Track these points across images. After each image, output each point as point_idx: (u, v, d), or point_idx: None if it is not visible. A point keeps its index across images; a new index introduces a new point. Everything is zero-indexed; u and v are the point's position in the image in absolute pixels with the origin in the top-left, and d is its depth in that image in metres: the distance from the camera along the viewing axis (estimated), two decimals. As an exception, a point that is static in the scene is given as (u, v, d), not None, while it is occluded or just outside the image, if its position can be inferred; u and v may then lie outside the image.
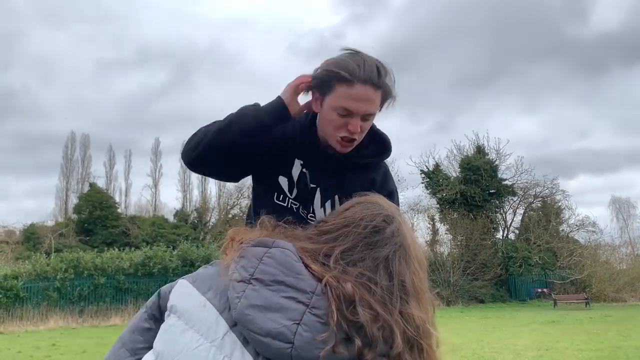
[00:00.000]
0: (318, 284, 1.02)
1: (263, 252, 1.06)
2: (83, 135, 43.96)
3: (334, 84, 1.51)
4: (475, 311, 23.68)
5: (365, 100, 1.51)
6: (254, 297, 0.99)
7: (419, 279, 1.13)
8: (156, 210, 42.50)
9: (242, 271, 1.04)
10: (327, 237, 1.13)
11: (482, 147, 32.30)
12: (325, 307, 0.99)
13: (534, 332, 13.78)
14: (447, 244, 30.83)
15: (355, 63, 1.49)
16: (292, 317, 0.97)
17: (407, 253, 1.13)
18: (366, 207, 1.18)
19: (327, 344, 0.95)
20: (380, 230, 1.12)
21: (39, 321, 19.60)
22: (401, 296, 1.06)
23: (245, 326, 0.98)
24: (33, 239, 30.57)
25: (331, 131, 1.58)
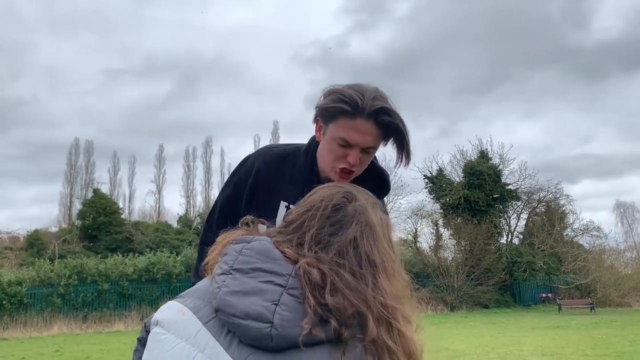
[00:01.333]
0: (294, 266, 1.06)
1: (242, 246, 1.11)
2: (87, 142, 44.20)
3: (337, 114, 1.52)
4: (480, 316, 23.58)
5: (365, 134, 1.52)
6: (233, 285, 1.03)
7: (389, 259, 1.14)
8: (160, 216, 42.65)
9: (223, 265, 1.09)
10: (294, 226, 1.16)
11: (485, 152, 32.23)
12: (301, 288, 1.03)
13: (539, 337, 13.71)
14: (451, 249, 30.74)
15: (359, 96, 1.49)
16: (270, 298, 1.00)
17: (374, 232, 1.14)
18: (326, 190, 1.22)
19: (306, 326, 0.98)
20: (341, 207, 1.15)
21: (42, 327, 19.60)
22: (372, 277, 1.07)
23: (225, 312, 1.01)
24: (37, 245, 30.62)
25: (330, 161, 1.59)
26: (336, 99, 1.51)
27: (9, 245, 31.09)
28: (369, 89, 1.53)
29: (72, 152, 43.35)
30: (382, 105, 1.49)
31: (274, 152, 1.81)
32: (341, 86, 1.54)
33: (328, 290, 1.02)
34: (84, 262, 22.20)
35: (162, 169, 45.79)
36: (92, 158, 43.88)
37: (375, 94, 1.52)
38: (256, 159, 1.79)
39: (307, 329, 0.98)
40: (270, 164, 1.76)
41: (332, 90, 1.54)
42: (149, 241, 31.46)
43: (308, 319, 0.99)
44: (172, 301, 1.15)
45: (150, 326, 1.14)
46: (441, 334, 15.54)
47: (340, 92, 1.51)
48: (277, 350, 0.99)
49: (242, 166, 1.83)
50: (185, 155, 46.61)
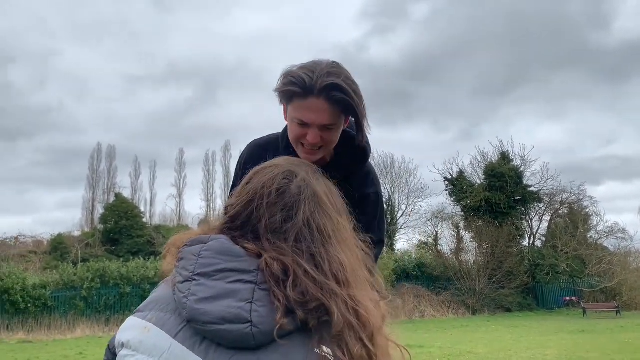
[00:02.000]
0: (258, 261, 1.04)
1: (200, 248, 1.06)
2: (109, 146, 44.74)
3: (291, 96, 1.54)
4: (502, 320, 23.30)
5: (319, 112, 1.52)
6: (200, 291, 0.99)
7: (341, 227, 1.12)
8: (180, 219, 42.96)
9: (183, 271, 1.04)
10: (242, 220, 1.12)
11: (506, 153, 31.88)
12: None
13: (564, 342, 13.48)
14: (472, 252, 30.41)
15: (309, 75, 1.49)
16: (244, 298, 0.98)
17: (322, 204, 1.12)
18: (264, 174, 1.17)
19: (279, 320, 0.97)
20: (285, 190, 1.11)
21: (66, 330, 19.87)
22: (326, 251, 1.06)
23: (199, 320, 0.97)
24: (60, 249, 31.05)
25: (293, 140, 1.63)
26: (287, 81, 1.52)
27: (34, 249, 31.56)
28: (322, 65, 1.53)
29: (94, 157, 43.96)
30: (331, 82, 1.48)
31: (257, 143, 1.89)
32: (294, 67, 1.55)
33: (290, 283, 1.00)
34: (106, 265, 22.46)
35: (182, 173, 46.18)
36: (114, 163, 44.44)
37: (329, 69, 1.51)
38: (244, 153, 1.90)
39: (279, 323, 0.96)
40: (253, 154, 1.82)
41: (285, 73, 1.55)
42: (170, 245, 31.70)
43: (278, 313, 0.97)
44: (132, 317, 1.10)
45: (115, 348, 1.09)
46: (463, 337, 15.38)
47: (291, 73, 1.52)
48: (258, 348, 0.97)
49: (237, 162, 1.93)
50: (205, 159, 46.94)
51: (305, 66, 1.53)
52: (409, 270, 27.87)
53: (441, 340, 14.35)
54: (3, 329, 19.26)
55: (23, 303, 19.75)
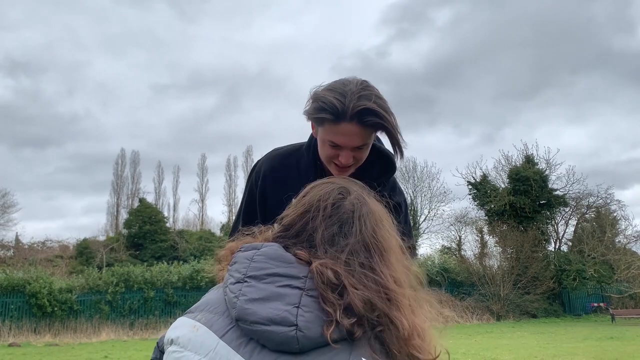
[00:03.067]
0: (309, 268, 1.07)
1: (253, 254, 1.11)
2: (133, 152, 45.39)
3: (322, 120, 1.53)
4: (528, 326, 22.92)
5: (352, 136, 1.53)
6: (251, 292, 1.04)
7: (394, 245, 1.17)
8: (203, 224, 43.31)
9: (235, 274, 1.09)
10: (297, 229, 1.17)
11: (531, 156, 31.45)
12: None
13: (592, 349, 13.18)
14: (497, 257, 30.01)
15: (340, 101, 1.47)
16: (291, 302, 1.01)
17: (376, 220, 1.16)
18: (320, 188, 1.22)
19: (326, 328, 0.99)
20: (339, 205, 1.16)
21: (91, 333, 20.14)
22: (379, 266, 1.09)
23: (247, 320, 1.01)
24: (86, 254, 31.54)
25: (325, 160, 1.64)
26: (318, 107, 1.51)
27: (60, 253, 32.14)
28: (352, 87, 1.50)
29: (118, 162, 44.60)
30: (364, 107, 1.47)
31: (278, 153, 1.86)
32: (323, 89, 1.53)
33: (343, 290, 1.03)
34: (131, 270, 22.73)
35: (204, 178, 46.58)
36: (137, 168, 45.02)
37: (360, 92, 1.49)
38: (263, 164, 1.86)
39: (327, 332, 0.99)
40: (276, 165, 1.82)
41: (315, 96, 1.54)
42: (193, 249, 31.96)
43: (327, 320, 1.00)
44: (182, 317, 1.15)
45: (163, 345, 1.14)
46: (487, 343, 15.16)
47: (322, 98, 1.50)
48: (301, 352, 1.00)
49: (252, 172, 1.90)
50: (227, 164, 47.28)
51: (334, 88, 1.51)
52: (432, 275, 27.62)
53: (465, 347, 14.16)
54: (31, 332, 19.61)
55: (50, 307, 20.09)
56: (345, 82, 1.53)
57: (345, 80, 1.54)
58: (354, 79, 1.54)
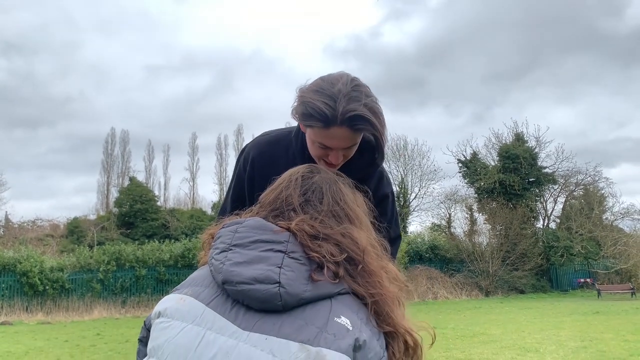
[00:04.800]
0: (290, 234, 1.15)
1: (237, 226, 1.19)
2: (123, 131, 44.96)
3: (311, 124, 1.50)
4: (516, 302, 23.28)
5: (341, 139, 1.50)
6: (236, 257, 1.11)
7: (360, 214, 1.27)
8: (194, 203, 43.21)
9: (220, 245, 1.17)
10: (269, 201, 1.28)
11: (521, 134, 31.57)
12: (300, 250, 1.12)
13: (577, 323, 13.44)
14: (486, 234, 30.31)
15: (330, 106, 1.43)
16: (274, 263, 1.08)
17: (343, 193, 1.27)
18: (291, 169, 1.36)
19: (313, 276, 1.09)
20: (309, 177, 1.29)
21: (84, 312, 20.25)
22: (349, 229, 1.19)
23: (232, 281, 1.07)
24: (77, 233, 31.48)
25: (314, 156, 1.63)
26: (307, 113, 1.47)
27: (50, 232, 32.04)
28: (340, 87, 1.45)
29: (108, 141, 44.24)
30: (354, 113, 1.43)
31: (267, 139, 1.84)
32: (310, 91, 1.48)
33: (321, 239, 1.14)
34: (122, 248, 22.75)
35: (195, 157, 46.33)
36: (127, 147, 44.67)
37: (349, 94, 1.44)
38: (251, 149, 1.84)
39: (315, 275, 1.09)
40: (264, 151, 1.80)
41: (302, 100, 1.48)
42: (185, 227, 31.99)
43: (313, 268, 1.10)
44: (170, 294, 1.20)
45: (150, 322, 1.19)
46: (476, 319, 15.41)
47: (310, 104, 1.45)
48: (283, 311, 1.06)
49: (241, 157, 1.88)
50: (218, 143, 47.05)
51: (322, 90, 1.46)
52: (422, 252, 27.89)
53: (454, 322, 14.39)
54: (23, 311, 19.67)
55: (41, 285, 20.12)
56: (333, 82, 1.47)
57: (333, 78, 1.48)
58: (342, 77, 1.48)
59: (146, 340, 1.20)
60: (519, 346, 9.63)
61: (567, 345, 9.56)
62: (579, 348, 9.26)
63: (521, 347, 9.56)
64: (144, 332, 1.24)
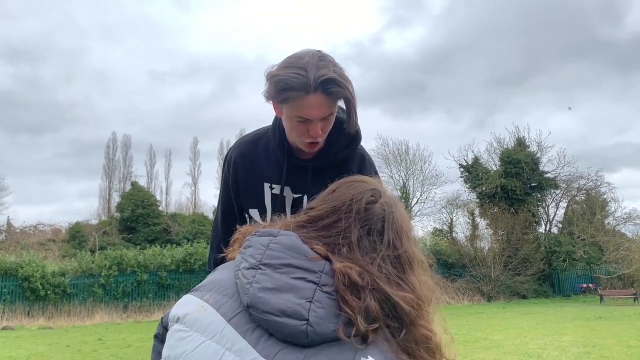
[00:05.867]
0: (326, 263, 1.06)
1: (269, 240, 1.11)
2: (124, 135, 45.06)
3: (285, 97, 1.53)
4: (518, 307, 23.22)
5: (319, 107, 1.53)
6: (264, 281, 1.03)
7: (417, 257, 1.18)
8: (196, 207, 43.26)
9: (249, 259, 1.08)
10: (324, 224, 1.16)
11: (522, 139, 31.55)
12: (334, 284, 1.03)
13: (580, 328, 13.40)
14: (488, 239, 30.25)
15: (302, 74, 1.48)
16: (304, 296, 1.01)
17: (403, 230, 1.17)
18: (352, 187, 1.22)
19: (340, 321, 1.00)
20: (370, 207, 1.17)
21: (85, 316, 20.21)
22: (403, 276, 1.11)
23: (259, 309, 1.01)
24: (78, 237, 31.47)
25: (295, 137, 1.64)
26: (280, 86, 1.51)
27: (52, 237, 32.05)
28: (308, 59, 1.51)
29: (109, 146, 44.32)
30: (327, 77, 1.48)
31: (246, 139, 1.87)
32: (278, 68, 1.53)
33: (365, 291, 1.03)
34: (124, 253, 22.73)
35: (197, 162, 46.43)
36: (129, 152, 44.77)
37: (318, 62, 1.50)
38: (233, 152, 1.86)
39: (341, 329, 1.00)
40: (244, 152, 1.83)
41: (273, 77, 1.53)
42: (186, 232, 31.97)
43: (341, 318, 1.01)
44: (189, 295, 1.14)
45: (168, 322, 1.14)
46: (478, 324, 15.37)
47: (282, 77, 1.50)
48: (307, 346, 1.00)
49: (225, 161, 1.91)
50: (220, 148, 47.09)
51: (290, 64, 1.52)
52: (423, 257, 27.81)
53: (456, 327, 14.35)
54: (24, 315, 19.64)
55: (43, 290, 20.10)
56: (300, 56, 1.53)
57: (299, 54, 1.55)
58: (308, 52, 1.55)
59: (162, 338, 1.17)
60: (522, 352, 9.61)
61: (570, 351, 9.53)
62: (582, 354, 9.23)
63: (524, 352, 9.53)
64: (160, 329, 1.20)
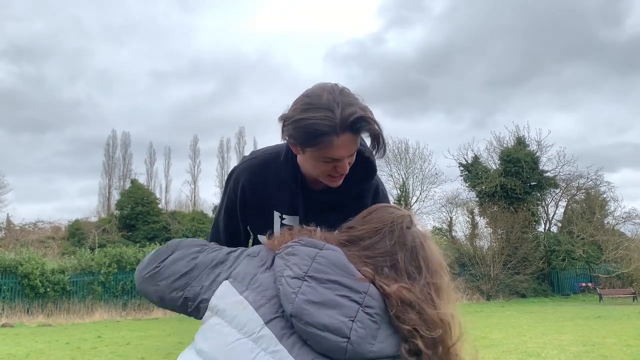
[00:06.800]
0: (370, 285, 1.10)
1: (315, 253, 1.14)
2: (124, 133, 45.02)
3: (317, 142, 1.43)
4: (517, 306, 23.24)
5: (348, 146, 1.46)
6: (310, 294, 1.07)
7: (446, 281, 1.24)
8: (195, 205, 43.24)
9: (295, 268, 1.12)
10: (365, 244, 1.21)
11: (522, 138, 31.54)
12: (376, 307, 1.08)
13: (579, 327, 13.41)
14: (487, 238, 30.27)
15: (328, 117, 1.39)
16: (347, 314, 1.05)
17: (437, 256, 1.24)
18: (389, 212, 1.28)
19: (379, 340, 1.05)
20: (409, 234, 1.22)
21: (84, 314, 20.22)
22: (436, 297, 1.17)
23: (302, 320, 1.05)
24: (78, 235, 31.47)
25: (319, 175, 1.57)
26: (310, 132, 1.41)
27: (52, 234, 32.06)
28: (329, 95, 1.42)
29: (109, 143, 44.29)
30: (356, 116, 1.40)
31: (255, 163, 1.77)
32: (302, 110, 1.43)
33: (409, 307, 1.10)
34: (123, 251, 22.73)
35: (197, 160, 46.39)
36: (129, 150, 44.73)
37: (342, 99, 1.41)
38: (240, 175, 1.77)
39: (402, 349, 1.06)
40: (253, 178, 1.74)
41: (297, 120, 1.43)
42: (186, 230, 31.96)
43: (399, 340, 1.07)
44: (227, 283, 1.18)
45: (198, 296, 1.21)
46: (477, 323, 15.38)
47: (308, 122, 1.40)
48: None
49: (229, 182, 1.82)
50: (220, 146, 47.09)
51: (313, 105, 1.41)
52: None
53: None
54: (23, 313, 19.65)
55: (42, 287, 20.10)
56: (318, 94, 1.43)
57: (316, 91, 1.45)
58: (324, 87, 1.45)
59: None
60: (521, 350, 9.61)
61: (569, 350, 9.54)
62: (581, 353, 9.23)
63: (523, 351, 9.54)
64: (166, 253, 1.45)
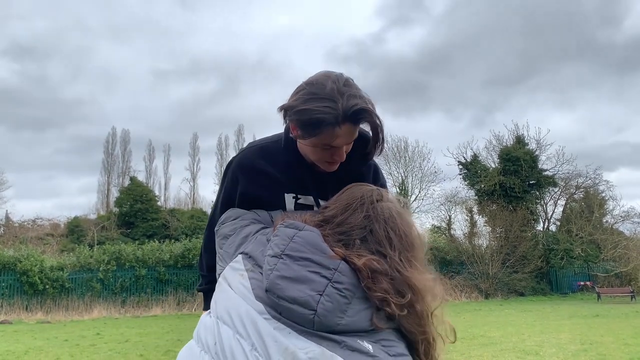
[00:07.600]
0: (341, 262, 1.18)
1: (294, 233, 1.24)
2: (123, 131, 44.99)
3: (319, 131, 1.47)
4: (515, 304, 23.27)
5: (347, 136, 1.50)
6: (284, 270, 1.17)
7: (420, 246, 1.31)
8: (195, 203, 43.22)
9: (275, 247, 1.23)
10: (337, 221, 1.29)
11: (521, 137, 31.54)
12: (346, 282, 1.15)
13: (577, 326, 13.44)
14: (486, 236, 30.26)
15: (331, 107, 1.42)
16: (316, 289, 1.13)
17: (408, 220, 1.31)
18: (359, 188, 1.37)
19: (349, 315, 1.13)
20: (378, 206, 1.30)
21: (83, 311, 20.23)
22: (409, 263, 1.23)
23: (275, 294, 1.15)
24: (77, 232, 31.47)
25: (316, 160, 1.61)
26: (312, 123, 1.44)
27: (51, 232, 32.04)
28: (332, 84, 1.44)
29: (109, 141, 44.26)
30: (358, 107, 1.43)
31: (253, 151, 1.76)
32: (304, 100, 1.45)
33: (387, 276, 1.18)
34: (122, 248, 22.74)
35: (196, 157, 46.38)
36: (128, 147, 44.71)
37: (345, 90, 1.44)
38: (239, 162, 1.76)
39: (374, 321, 1.14)
40: (253, 164, 1.73)
41: (300, 110, 1.45)
42: (185, 227, 31.97)
43: (372, 312, 1.15)
44: (240, 259, 1.35)
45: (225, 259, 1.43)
46: (476, 321, 15.40)
47: (310, 111, 1.43)
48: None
49: (228, 171, 1.81)
50: (219, 143, 47.07)
51: (316, 95, 1.44)
52: (421, 254, 27.81)
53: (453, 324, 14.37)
54: (22, 310, 19.66)
55: (41, 284, 20.11)
56: (322, 83, 1.46)
57: (320, 80, 1.47)
58: (329, 76, 1.48)
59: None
60: (519, 349, 9.63)
61: (567, 349, 9.56)
62: (579, 351, 9.26)
63: (521, 349, 9.56)
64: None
